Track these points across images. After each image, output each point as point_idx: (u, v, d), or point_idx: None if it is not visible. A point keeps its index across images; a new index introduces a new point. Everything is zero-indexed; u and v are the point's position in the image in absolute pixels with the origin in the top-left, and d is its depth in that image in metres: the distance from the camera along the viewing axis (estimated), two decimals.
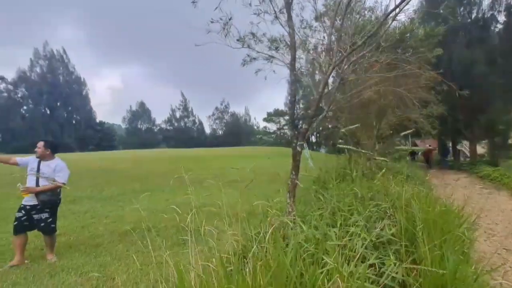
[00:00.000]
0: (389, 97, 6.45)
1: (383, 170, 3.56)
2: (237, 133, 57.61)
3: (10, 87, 43.29)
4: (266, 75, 4.10)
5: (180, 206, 6.60)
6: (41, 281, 2.84)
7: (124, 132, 57.08)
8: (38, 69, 44.55)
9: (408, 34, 6.40)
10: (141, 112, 55.36)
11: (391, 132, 8.05)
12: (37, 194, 3.43)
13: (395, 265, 1.77)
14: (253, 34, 3.26)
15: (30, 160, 3.62)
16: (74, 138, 44.95)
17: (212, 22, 2.93)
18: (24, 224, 3.40)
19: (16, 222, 3.40)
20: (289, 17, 2.60)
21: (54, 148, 3.82)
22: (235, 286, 1.52)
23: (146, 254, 3.68)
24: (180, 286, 1.59)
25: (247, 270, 1.75)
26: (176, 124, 57.62)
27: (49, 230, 3.56)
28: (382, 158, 3.26)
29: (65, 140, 42.89)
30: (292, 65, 2.47)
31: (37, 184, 3.46)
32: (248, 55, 3.51)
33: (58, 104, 45.24)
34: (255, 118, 75.03)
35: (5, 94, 43.07)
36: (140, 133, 53.88)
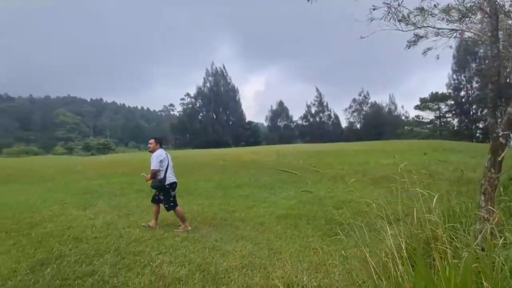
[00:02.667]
0: None
1: None
2: (378, 125, 51.68)
3: (193, 100, 59.50)
4: (439, 54, 3.41)
5: (325, 199, 6.75)
6: (231, 243, 3.75)
7: (266, 129, 64.77)
8: (208, 84, 58.50)
9: None
10: (280, 111, 60.74)
11: None
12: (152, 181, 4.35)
13: None
14: (421, 9, 2.76)
15: None
16: (231, 135, 55.72)
17: (374, 9, 2.77)
18: (155, 198, 4.48)
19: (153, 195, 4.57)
20: None
21: (161, 142, 4.64)
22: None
23: (301, 238, 4.06)
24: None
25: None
26: (311, 119, 59.08)
27: (166, 208, 4.37)
28: None
29: (225, 137, 54.06)
30: (494, 36, 1.89)
31: None
32: (416, 34, 3.02)
33: (221, 109, 57.61)
34: (402, 107, 63.55)
35: (190, 106, 59.61)
36: (279, 129, 59.34)
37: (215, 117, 57.38)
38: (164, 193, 4.33)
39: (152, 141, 4.55)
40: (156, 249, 3.42)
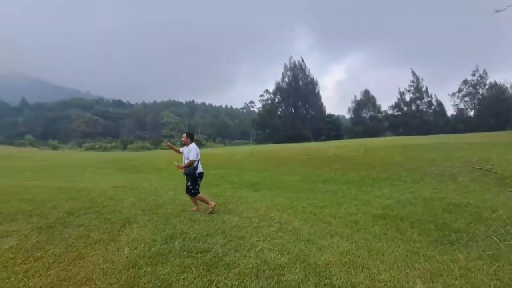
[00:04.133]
0: None
1: None
2: (501, 111, 40.91)
3: (271, 96, 61.02)
4: None
5: (432, 201, 5.88)
6: (325, 238, 3.72)
7: (348, 122, 60.56)
8: (286, 79, 58.89)
9: None
10: (365, 101, 55.62)
11: None
12: (185, 168, 4.95)
13: None
14: None
15: (184, 148, 5.20)
16: (311, 130, 54.62)
17: None
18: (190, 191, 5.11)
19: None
20: None
21: (192, 137, 5.25)
22: None
23: (406, 242, 3.66)
24: None
25: None
26: (405, 108, 51.85)
27: (190, 193, 5.10)
28: None
29: (304, 131, 53.41)
30: None
31: (184, 163, 5.04)
32: None
33: (299, 103, 57.16)
34: None
35: (269, 102, 61.35)
36: (364, 121, 54.50)
37: (294, 111, 57.38)
38: (192, 180, 5.06)
39: (184, 135, 5.27)
40: (255, 236, 3.73)
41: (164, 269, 2.65)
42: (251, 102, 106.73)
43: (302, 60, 59.41)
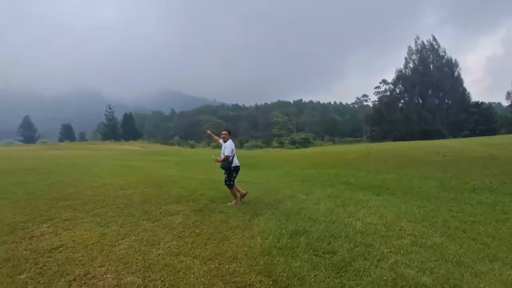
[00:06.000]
0: None
1: None
2: None
3: (391, 86, 53.55)
4: None
5: None
6: (483, 262, 2.96)
7: (507, 111, 45.20)
8: (411, 64, 50.20)
9: None
10: None
11: None
12: (221, 162, 5.43)
13: None
14: None
15: (222, 142, 5.58)
16: (446, 123, 44.29)
17: None
18: (227, 182, 5.57)
19: None
20: None
21: (232, 134, 5.69)
22: None
23: None
24: None
25: None
26: None
27: (226, 184, 5.60)
28: None
29: (436, 126, 43.87)
30: None
31: (221, 157, 5.47)
32: None
33: (430, 92, 47.42)
34: None
35: (388, 93, 54.07)
36: None
37: (421, 102, 48.21)
38: (228, 173, 5.53)
39: (225, 132, 5.65)
40: (384, 246, 3.42)
41: (294, 262, 2.86)
42: (364, 95, 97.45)
43: (434, 39, 48.93)
